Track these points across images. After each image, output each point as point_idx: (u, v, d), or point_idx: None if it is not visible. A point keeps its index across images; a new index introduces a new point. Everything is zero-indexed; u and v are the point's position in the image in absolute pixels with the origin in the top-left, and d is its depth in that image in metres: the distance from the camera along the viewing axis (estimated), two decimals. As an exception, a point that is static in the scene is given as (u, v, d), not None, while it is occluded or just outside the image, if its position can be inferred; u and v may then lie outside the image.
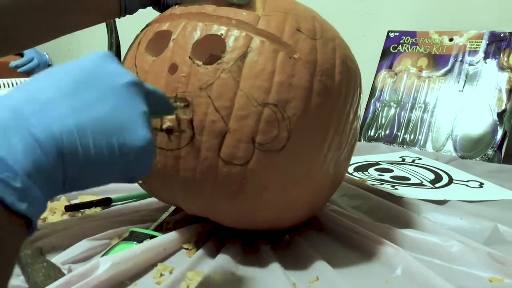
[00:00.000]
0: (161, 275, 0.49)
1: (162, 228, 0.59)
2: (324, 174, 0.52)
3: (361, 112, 0.55)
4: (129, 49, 0.56)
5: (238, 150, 0.46)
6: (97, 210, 0.67)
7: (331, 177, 0.54)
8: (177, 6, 0.54)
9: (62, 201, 0.69)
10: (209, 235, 0.57)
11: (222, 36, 0.47)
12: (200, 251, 0.53)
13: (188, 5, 0.52)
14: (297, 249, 0.56)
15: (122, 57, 0.80)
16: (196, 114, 0.46)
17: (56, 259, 0.50)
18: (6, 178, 0.24)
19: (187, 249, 0.54)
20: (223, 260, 0.51)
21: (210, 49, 0.49)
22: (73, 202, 0.70)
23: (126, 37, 0.85)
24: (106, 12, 0.56)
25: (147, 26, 0.55)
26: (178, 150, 0.48)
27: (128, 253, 0.49)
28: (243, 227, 0.54)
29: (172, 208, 0.62)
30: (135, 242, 0.53)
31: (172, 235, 0.54)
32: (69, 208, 0.65)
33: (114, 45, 0.81)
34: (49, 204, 0.66)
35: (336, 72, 0.49)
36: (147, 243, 0.52)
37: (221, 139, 0.46)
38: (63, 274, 0.46)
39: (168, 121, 0.47)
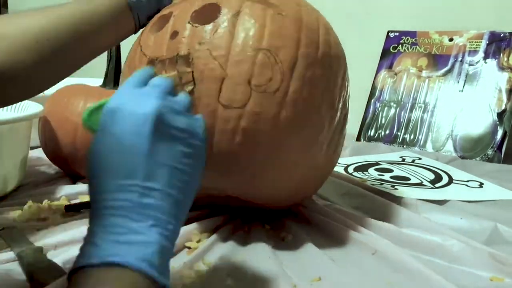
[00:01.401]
0: None
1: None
2: (319, 129, 0.54)
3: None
4: (136, 40, 0.59)
5: (236, 94, 0.50)
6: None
7: (326, 140, 0.56)
8: None
9: (62, 200, 0.69)
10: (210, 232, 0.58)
11: (218, 3, 0.53)
12: (200, 249, 0.53)
13: None
14: (298, 248, 0.56)
15: (123, 58, 0.79)
16: (196, 66, 0.50)
17: (58, 259, 0.50)
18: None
19: (189, 247, 0.54)
20: (221, 260, 0.51)
21: (208, 20, 0.52)
22: (72, 201, 0.70)
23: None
24: (124, 33, 0.58)
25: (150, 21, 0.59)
26: None
27: None
28: (241, 189, 0.55)
29: None
30: None
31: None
32: (69, 208, 0.65)
33: (114, 46, 0.81)
34: (49, 204, 0.66)
35: (321, 34, 0.54)
36: None
37: (219, 84, 0.50)
38: (65, 273, 0.46)
39: (171, 77, 0.50)
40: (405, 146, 1.10)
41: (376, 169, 0.90)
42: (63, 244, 0.54)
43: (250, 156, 0.52)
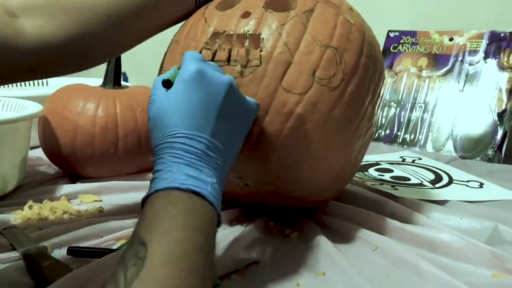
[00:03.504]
0: None
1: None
2: (356, 137, 0.57)
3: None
4: (190, 18, 0.59)
5: (299, 81, 0.51)
6: (99, 208, 0.67)
7: (357, 149, 0.59)
8: None
9: (62, 200, 0.69)
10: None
11: None
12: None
13: None
14: (302, 243, 0.57)
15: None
16: (265, 47, 0.52)
17: (63, 258, 0.51)
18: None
19: None
20: (226, 254, 0.52)
21: (280, 8, 0.54)
22: (72, 201, 0.70)
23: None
24: (185, 8, 0.59)
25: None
26: (241, 78, 0.51)
27: None
28: (274, 180, 0.56)
29: None
30: None
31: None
32: (71, 252, 0.53)
33: (176, 23, 0.81)
34: (49, 204, 0.66)
35: (376, 50, 0.59)
36: None
37: (285, 68, 0.51)
38: (71, 270, 0.47)
39: (237, 52, 0.51)
40: (405, 146, 1.10)
41: (376, 169, 0.90)
42: (66, 243, 0.54)
43: (294, 143, 0.53)
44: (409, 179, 0.84)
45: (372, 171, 0.89)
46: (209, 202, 0.38)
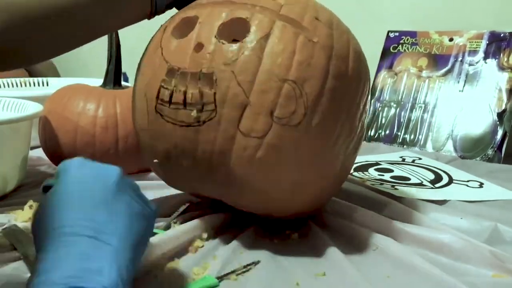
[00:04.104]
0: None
1: (170, 227, 0.60)
2: (334, 159, 0.54)
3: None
4: (151, 40, 0.57)
5: (257, 123, 0.49)
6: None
7: (339, 165, 0.55)
8: None
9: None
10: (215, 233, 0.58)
11: (247, 19, 0.50)
12: (206, 248, 0.54)
13: None
14: (302, 244, 0.57)
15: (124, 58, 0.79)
16: (219, 87, 0.49)
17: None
18: None
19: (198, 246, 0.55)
20: (227, 256, 0.52)
21: (234, 34, 0.51)
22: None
23: (126, 37, 0.85)
24: (140, 13, 0.56)
25: (171, 17, 0.57)
26: (199, 124, 0.50)
27: None
28: (256, 208, 0.56)
29: (182, 208, 0.63)
30: None
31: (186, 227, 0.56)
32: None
33: (114, 45, 0.81)
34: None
35: (350, 60, 0.52)
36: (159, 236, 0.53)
37: (241, 111, 0.49)
38: None
39: (191, 95, 0.50)
40: (405, 146, 1.10)
41: (376, 169, 0.90)
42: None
43: (265, 183, 0.52)
44: (409, 179, 0.84)
45: (372, 171, 0.89)
46: None
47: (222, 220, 0.60)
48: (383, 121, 1.16)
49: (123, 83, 0.86)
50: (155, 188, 0.73)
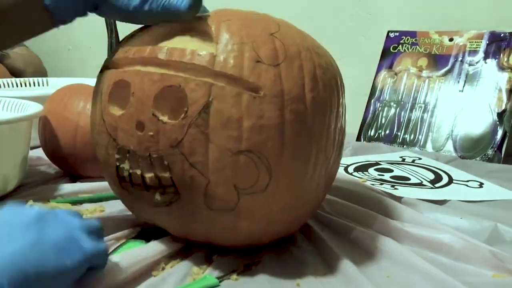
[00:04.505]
0: (163, 268, 0.50)
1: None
2: (316, 185, 0.51)
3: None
4: (94, 99, 0.53)
5: (223, 198, 0.46)
6: (100, 208, 0.67)
7: (323, 184, 0.53)
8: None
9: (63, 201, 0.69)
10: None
11: (181, 87, 0.44)
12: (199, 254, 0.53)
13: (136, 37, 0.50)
14: (303, 242, 0.57)
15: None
16: (173, 171, 0.45)
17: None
18: None
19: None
20: (227, 255, 0.51)
21: (172, 99, 0.45)
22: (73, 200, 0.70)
23: (126, 37, 0.85)
24: (35, 26, 0.52)
25: (101, 71, 0.52)
26: (168, 206, 0.48)
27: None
28: (233, 242, 0.53)
29: None
30: (139, 240, 0.53)
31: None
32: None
33: (114, 45, 0.81)
34: (50, 204, 0.66)
35: (307, 91, 0.46)
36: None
37: (204, 191, 0.45)
38: None
39: (149, 179, 0.47)
40: (405, 146, 1.10)
41: (376, 169, 0.90)
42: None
43: (247, 229, 0.50)
44: (409, 179, 0.84)
45: (372, 171, 0.89)
46: None
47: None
48: (383, 121, 1.16)
49: (123, 83, 0.86)
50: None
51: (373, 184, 0.78)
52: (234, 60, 0.45)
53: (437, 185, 0.81)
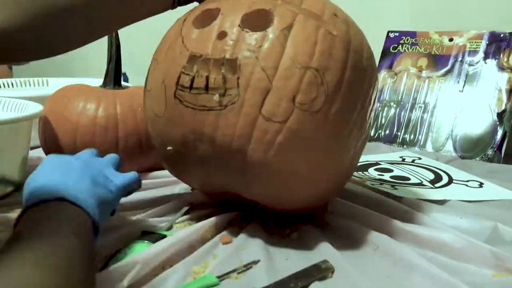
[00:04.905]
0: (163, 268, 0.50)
1: (172, 228, 0.60)
2: (346, 152, 0.55)
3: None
4: (168, 31, 0.58)
5: (279, 108, 0.50)
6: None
7: (349, 159, 0.57)
8: None
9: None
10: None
11: (270, 10, 0.52)
12: (206, 247, 0.54)
13: None
14: (303, 243, 0.57)
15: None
16: (242, 73, 0.50)
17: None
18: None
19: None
20: (227, 255, 0.52)
21: (257, 26, 0.52)
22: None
23: (126, 37, 0.85)
24: (160, 5, 0.57)
25: (191, 10, 0.58)
26: (220, 108, 0.51)
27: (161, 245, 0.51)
28: (266, 197, 0.56)
29: (184, 209, 0.64)
30: (147, 241, 0.53)
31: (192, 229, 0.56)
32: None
33: (114, 45, 0.81)
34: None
35: (364, 57, 0.55)
36: (181, 232, 0.54)
37: (264, 96, 0.50)
38: None
39: (214, 80, 0.50)
40: (405, 146, 1.10)
41: (376, 169, 0.90)
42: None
43: (281, 169, 0.52)
44: (409, 179, 0.84)
45: (372, 171, 0.89)
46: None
47: (226, 221, 0.60)
48: (383, 121, 1.16)
49: (123, 83, 0.87)
50: (155, 188, 0.73)
51: (373, 184, 0.78)
52: (318, 7, 0.54)
53: (437, 185, 0.81)
